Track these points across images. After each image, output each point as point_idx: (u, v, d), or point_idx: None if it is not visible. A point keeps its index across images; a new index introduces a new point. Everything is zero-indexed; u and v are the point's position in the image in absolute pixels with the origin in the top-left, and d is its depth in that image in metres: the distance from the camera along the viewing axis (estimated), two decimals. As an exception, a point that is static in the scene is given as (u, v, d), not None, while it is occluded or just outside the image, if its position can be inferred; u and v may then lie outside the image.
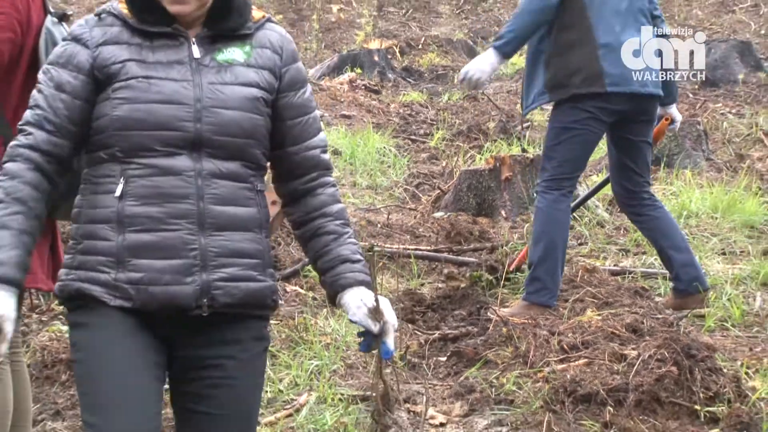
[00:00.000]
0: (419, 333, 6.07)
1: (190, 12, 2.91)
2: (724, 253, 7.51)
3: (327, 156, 3.26)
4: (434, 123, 11.85)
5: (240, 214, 2.98)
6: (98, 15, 3.01)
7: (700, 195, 8.41)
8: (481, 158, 9.56)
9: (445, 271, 7.10)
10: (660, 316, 5.85)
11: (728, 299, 6.56)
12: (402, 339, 5.90)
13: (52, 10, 4.18)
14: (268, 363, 5.54)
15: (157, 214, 2.85)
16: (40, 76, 2.98)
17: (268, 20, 3.15)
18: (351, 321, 3.13)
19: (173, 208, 2.87)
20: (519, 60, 14.67)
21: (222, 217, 2.94)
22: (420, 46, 15.30)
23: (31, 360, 5.56)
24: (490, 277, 6.72)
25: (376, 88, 13.44)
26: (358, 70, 13.82)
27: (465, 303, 6.40)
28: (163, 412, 3.06)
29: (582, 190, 7.66)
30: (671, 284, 6.56)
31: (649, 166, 6.67)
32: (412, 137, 11.35)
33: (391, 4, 17.58)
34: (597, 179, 8.36)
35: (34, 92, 2.95)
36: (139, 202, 2.85)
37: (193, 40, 2.98)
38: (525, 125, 11.17)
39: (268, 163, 3.20)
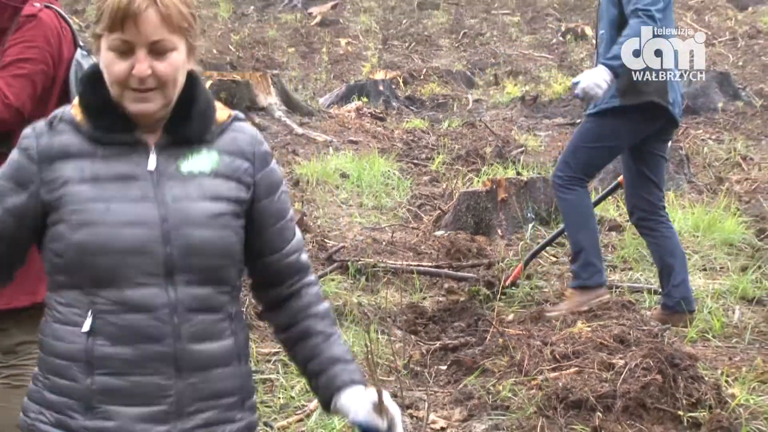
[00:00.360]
0: (421, 343, 6.06)
1: (154, 111, 2.44)
2: (705, 269, 7.51)
3: (306, 257, 2.82)
4: (435, 148, 11.84)
5: (218, 350, 2.57)
6: (50, 122, 2.51)
7: (682, 215, 8.40)
8: (478, 181, 9.56)
9: (446, 285, 7.10)
10: (645, 327, 5.85)
11: (709, 312, 6.56)
12: (405, 349, 5.90)
13: (82, 43, 4.19)
14: (280, 371, 5.58)
15: (130, 357, 2.43)
16: None
17: (235, 119, 2.65)
18: (353, 423, 2.68)
19: (148, 349, 2.44)
20: (514, 90, 14.72)
21: (200, 357, 2.53)
22: (422, 77, 15.31)
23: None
24: (488, 292, 6.74)
25: (381, 115, 13.44)
26: (365, 99, 13.82)
27: (464, 315, 6.39)
28: None
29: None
30: (661, 299, 6.57)
31: (665, 181, 6.74)
32: (415, 161, 11.35)
33: (395, 38, 17.60)
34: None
35: None
36: (109, 342, 2.42)
37: (153, 148, 2.49)
38: (520, 149, 11.18)
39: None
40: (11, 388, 4.07)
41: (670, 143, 6.90)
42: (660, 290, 6.85)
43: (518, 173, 9.45)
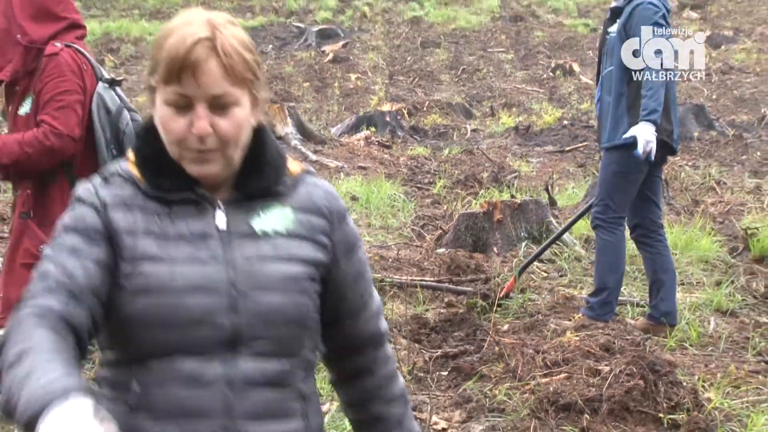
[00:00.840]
0: (424, 351, 6.03)
1: (215, 174, 2.01)
2: (682, 284, 7.49)
3: (384, 323, 2.36)
4: (436, 173, 11.85)
5: None
6: (104, 178, 2.08)
7: (662, 234, 8.41)
8: (476, 203, 9.55)
9: (446, 299, 7.09)
10: (629, 337, 5.83)
11: (686, 323, 6.55)
12: (410, 356, 5.88)
13: (105, 75, 4.20)
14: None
15: None
16: (47, 249, 2.03)
17: (308, 173, 2.20)
18: None
19: (194, 427, 2.00)
20: (508, 120, 14.71)
21: None
22: (424, 109, 15.32)
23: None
24: (484, 304, 6.73)
25: (387, 143, 13.45)
26: (373, 129, 13.84)
27: (463, 326, 6.37)
28: None
29: (557, 225, 7.73)
30: (648, 310, 6.57)
31: (662, 199, 6.80)
32: (418, 185, 11.35)
33: (400, 73, 17.62)
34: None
35: (41, 264, 2.01)
36: (151, 415, 1.99)
37: (221, 205, 2.06)
38: (514, 174, 11.18)
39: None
40: None
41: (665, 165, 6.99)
42: (642, 303, 6.85)
43: (512, 196, 9.43)
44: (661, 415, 4.83)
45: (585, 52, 18.55)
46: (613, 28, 6.49)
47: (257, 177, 2.10)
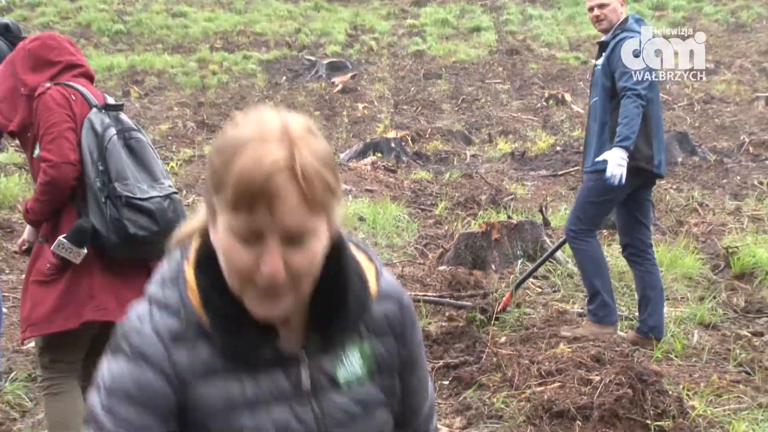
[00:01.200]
0: (427, 362, 6.04)
1: (283, 315, 1.62)
2: (668, 299, 7.48)
3: (434, 423, 2.08)
4: (438, 196, 11.86)
5: None
6: (172, 333, 1.62)
7: (649, 252, 8.42)
8: (475, 223, 9.56)
9: (447, 313, 7.08)
10: (618, 348, 5.82)
11: (672, 335, 6.54)
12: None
13: (96, 102, 4.25)
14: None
15: None
16: (101, 416, 1.57)
17: (380, 276, 1.81)
18: None
19: None
20: (505, 146, 14.72)
21: None
22: (427, 136, 15.33)
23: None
24: (483, 317, 6.74)
25: (392, 168, 13.47)
26: (379, 154, 13.87)
27: (463, 338, 6.36)
28: None
29: (551, 244, 7.73)
30: (637, 324, 6.57)
31: (651, 220, 6.81)
32: (421, 207, 11.36)
33: (405, 102, 17.65)
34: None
35: None
36: None
37: (303, 358, 1.70)
38: (510, 197, 11.18)
39: None
40: (51, 396, 4.22)
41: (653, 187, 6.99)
42: (631, 316, 6.85)
43: (509, 217, 9.43)
44: (648, 421, 4.81)
45: (576, 83, 18.58)
46: (599, 61, 6.51)
47: (339, 316, 1.73)
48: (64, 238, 4.04)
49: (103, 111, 4.25)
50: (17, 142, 4.79)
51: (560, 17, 22.60)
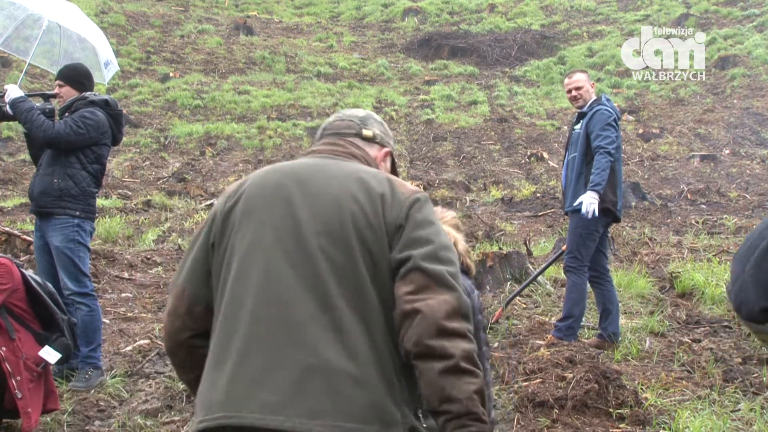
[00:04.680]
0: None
1: None
2: (625, 313, 7.44)
3: None
4: (444, 232, 11.86)
5: None
6: None
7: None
8: (473, 253, 9.55)
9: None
10: (586, 352, 5.79)
11: (629, 342, 6.51)
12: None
13: None
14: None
15: None
16: None
17: None
18: None
19: None
20: (496, 193, 14.72)
21: None
22: (435, 185, 15.34)
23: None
24: (480, 327, 6.70)
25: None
26: (398, 200, 13.87)
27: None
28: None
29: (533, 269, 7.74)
30: (598, 331, 6.56)
31: (608, 249, 6.83)
32: (431, 241, 11.36)
33: (418, 159, 17.70)
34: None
35: None
36: None
37: None
38: (501, 233, 11.16)
39: None
40: None
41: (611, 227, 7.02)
42: (596, 327, 6.82)
43: (500, 248, 9.41)
44: (611, 410, 4.78)
45: (552, 144, 18.57)
46: (578, 126, 6.55)
47: None
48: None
49: None
50: (121, 191, 4.92)
51: (539, 93, 22.65)
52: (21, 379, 4.27)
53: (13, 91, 5.44)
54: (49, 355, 4.26)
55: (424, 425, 2.14)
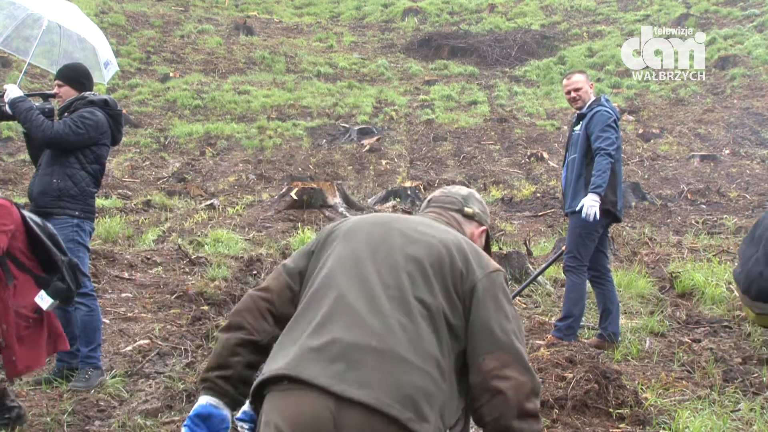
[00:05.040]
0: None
1: None
2: (625, 313, 7.43)
3: None
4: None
5: None
6: None
7: (610, 276, 8.41)
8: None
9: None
10: (586, 352, 5.77)
11: (629, 342, 6.50)
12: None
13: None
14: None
15: None
16: None
17: None
18: None
19: None
20: (497, 193, 14.71)
21: None
22: (436, 185, 15.34)
23: (195, 379, 5.52)
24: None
25: (408, 210, 13.45)
26: (398, 199, 13.86)
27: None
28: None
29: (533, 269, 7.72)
30: (598, 331, 6.55)
31: (608, 249, 6.81)
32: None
33: (418, 159, 17.70)
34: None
35: None
36: None
37: None
38: (501, 233, 11.16)
39: None
40: None
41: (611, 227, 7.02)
42: (596, 327, 6.82)
43: (500, 248, 9.41)
44: (611, 410, 4.78)
45: (552, 144, 18.58)
46: (578, 128, 6.55)
47: None
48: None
49: None
50: (121, 191, 4.99)
51: (539, 93, 22.65)
52: (7, 328, 4.25)
53: (13, 91, 5.43)
54: (43, 300, 4.27)
55: None
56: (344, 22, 29.99)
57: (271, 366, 2.30)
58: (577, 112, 6.66)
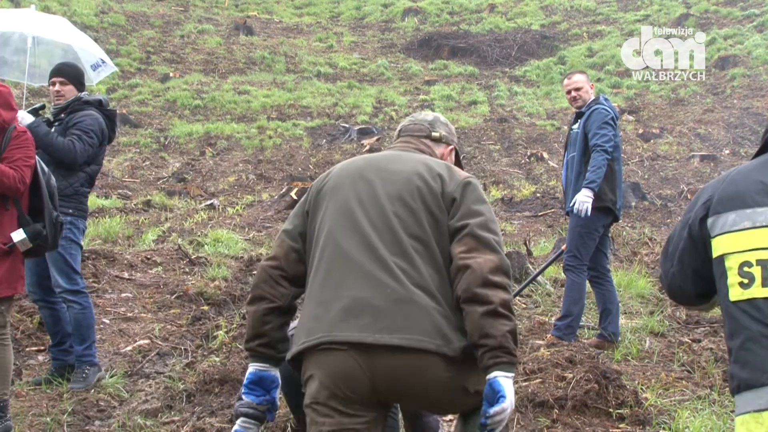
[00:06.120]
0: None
1: None
2: (625, 313, 7.44)
3: None
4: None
5: None
6: None
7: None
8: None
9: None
10: (586, 352, 5.78)
11: (628, 342, 6.51)
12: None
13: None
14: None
15: None
16: None
17: None
18: None
19: None
20: (497, 193, 14.72)
21: None
22: (435, 185, 15.34)
23: (195, 379, 5.53)
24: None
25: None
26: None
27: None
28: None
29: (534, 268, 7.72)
30: (598, 331, 6.56)
31: (608, 249, 6.80)
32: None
33: (418, 159, 17.73)
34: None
35: None
36: None
37: None
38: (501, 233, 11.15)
39: None
40: (3, 346, 4.43)
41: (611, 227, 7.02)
42: (596, 327, 6.82)
43: (500, 249, 9.41)
44: (611, 410, 4.78)
45: (552, 144, 18.58)
46: (576, 126, 6.56)
47: None
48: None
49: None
50: (121, 191, 5.13)
51: (539, 93, 22.65)
52: None
53: (26, 118, 5.49)
54: (18, 235, 4.39)
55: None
56: (344, 22, 29.98)
57: (307, 335, 2.64)
58: (576, 111, 6.68)
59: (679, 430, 4.66)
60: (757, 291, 2.25)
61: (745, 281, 2.28)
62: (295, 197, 11.85)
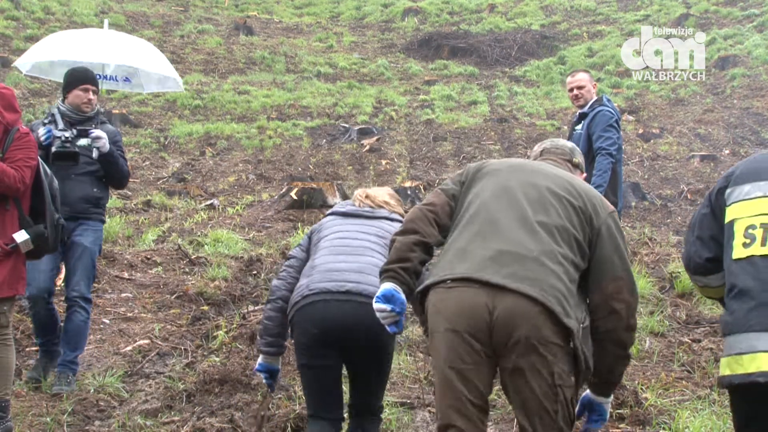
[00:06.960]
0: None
1: None
2: (625, 313, 7.43)
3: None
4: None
5: None
6: None
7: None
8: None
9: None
10: (586, 352, 5.78)
11: (629, 342, 6.48)
12: (425, 365, 5.83)
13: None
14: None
15: None
16: None
17: None
18: None
19: None
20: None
21: None
22: (435, 185, 15.32)
23: (195, 379, 5.53)
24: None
25: (408, 210, 13.48)
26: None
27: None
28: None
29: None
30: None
31: None
32: (431, 241, 11.34)
33: (418, 159, 17.68)
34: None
35: None
36: None
37: None
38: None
39: None
40: (6, 346, 4.43)
41: None
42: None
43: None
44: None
45: (551, 144, 18.57)
46: (579, 127, 6.56)
47: None
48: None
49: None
50: (121, 191, 5.32)
51: (539, 93, 22.65)
52: None
53: (107, 144, 5.75)
54: (21, 236, 4.40)
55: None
56: (344, 22, 29.98)
57: (451, 270, 2.97)
58: (579, 111, 6.68)
59: (679, 430, 4.66)
60: (756, 249, 2.56)
61: (748, 241, 2.59)
62: (294, 197, 11.85)
